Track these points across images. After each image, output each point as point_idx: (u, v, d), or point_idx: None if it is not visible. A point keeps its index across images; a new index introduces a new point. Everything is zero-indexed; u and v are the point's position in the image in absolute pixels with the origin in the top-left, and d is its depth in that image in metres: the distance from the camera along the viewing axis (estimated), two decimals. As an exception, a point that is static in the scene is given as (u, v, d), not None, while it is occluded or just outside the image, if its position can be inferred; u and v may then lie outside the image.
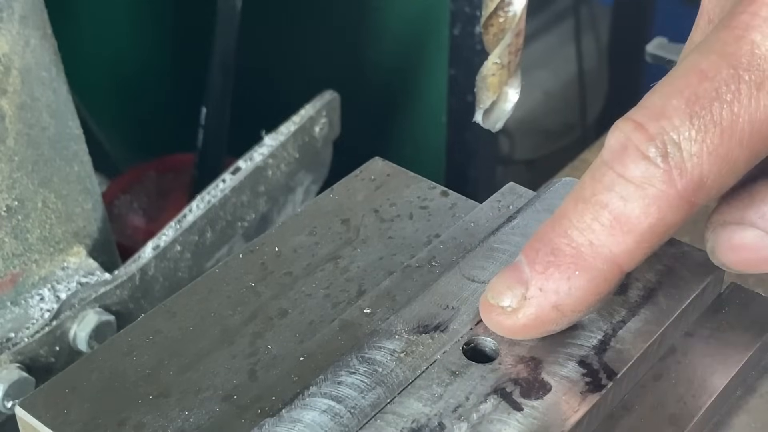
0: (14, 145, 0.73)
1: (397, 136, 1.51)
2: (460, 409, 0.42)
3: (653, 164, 0.38)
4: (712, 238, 0.42)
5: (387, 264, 0.52)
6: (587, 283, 0.41)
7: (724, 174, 0.38)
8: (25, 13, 0.71)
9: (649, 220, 0.39)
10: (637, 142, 0.39)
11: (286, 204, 0.99)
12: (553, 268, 0.41)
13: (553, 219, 0.41)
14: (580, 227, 0.40)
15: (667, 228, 0.39)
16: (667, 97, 0.39)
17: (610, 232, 0.40)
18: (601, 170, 0.40)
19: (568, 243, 0.41)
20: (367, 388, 0.43)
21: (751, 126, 0.38)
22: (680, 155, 0.38)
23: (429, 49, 1.40)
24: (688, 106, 0.38)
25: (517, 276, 0.42)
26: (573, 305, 0.42)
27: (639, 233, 0.39)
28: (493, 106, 0.44)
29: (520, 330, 0.43)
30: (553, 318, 0.42)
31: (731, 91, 0.38)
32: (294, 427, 0.42)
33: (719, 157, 0.38)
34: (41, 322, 0.74)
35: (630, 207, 0.39)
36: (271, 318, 0.49)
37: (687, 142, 0.38)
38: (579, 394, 0.42)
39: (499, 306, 0.43)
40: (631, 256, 0.40)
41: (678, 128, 0.38)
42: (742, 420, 0.47)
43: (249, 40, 1.30)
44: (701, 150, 0.38)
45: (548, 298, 0.42)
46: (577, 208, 0.40)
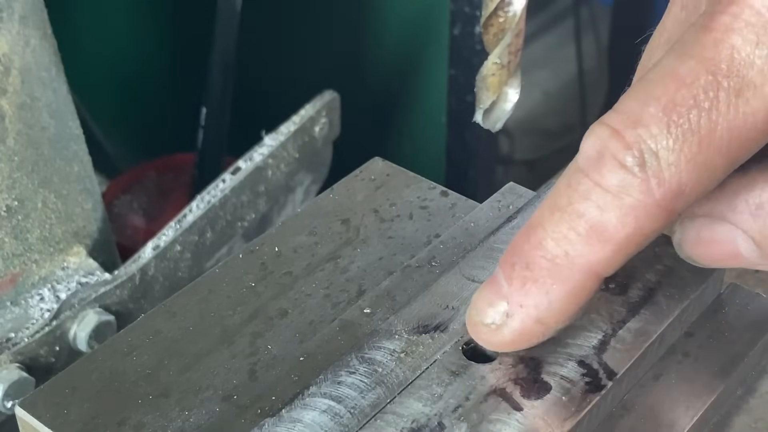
0: (14, 145, 0.73)
1: (397, 136, 1.51)
2: (460, 409, 0.42)
3: (630, 173, 0.38)
4: (680, 230, 0.41)
5: (387, 264, 0.52)
6: (566, 294, 0.40)
7: (702, 181, 0.38)
8: (25, 13, 0.71)
9: (626, 229, 0.38)
10: (614, 150, 0.38)
11: (286, 204, 0.99)
12: (530, 283, 0.40)
13: (528, 228, 0.41)
14: (556, 237, 0.40)
15: (645, 236, 0.39)
16: (643, 103, 0.38)
17: (586, 241, 0.39)
18: (576, 178, 0.39)
19: (543, 255, 0.40)
20: (367, 388, 0.43)
21: (729, 133, 0.37)
22: (658, 164, 0.37)
23: (429, 49, 1.40)
24: (665, 113, 0.37)
25: (496, 291, 0.42)
26: (555, 317, 0.41)
27: (616, 242, 0.39)
28: (493, 106, 0.44)
29: (509, 345, 0.43)
30: (539, 331, 0.42)
31: (709, 98, 0.37)
32: (294, 427, 0.42)
33: (698, 165, 0.37)
34: (41, 322, 0.74)
35: (607, 216, 0.38)
36: (271, 318, 0.49)
37: (665, 150, 0.37)
38: (579, 394, 0.42)
39: (483, 323, 0.43)
40: (608, 264, 0.40)
41: (655, 136, 0.37)
42: (742, 420, 0.47)
43: (249, 40, 1.30)
44: (679, 159, 0.37)
45: (529, 313, 0.41)
46: (553, 217, 0.40)
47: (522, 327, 0.41)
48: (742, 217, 0.39)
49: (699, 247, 0.41)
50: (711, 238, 0.40)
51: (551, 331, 0.42)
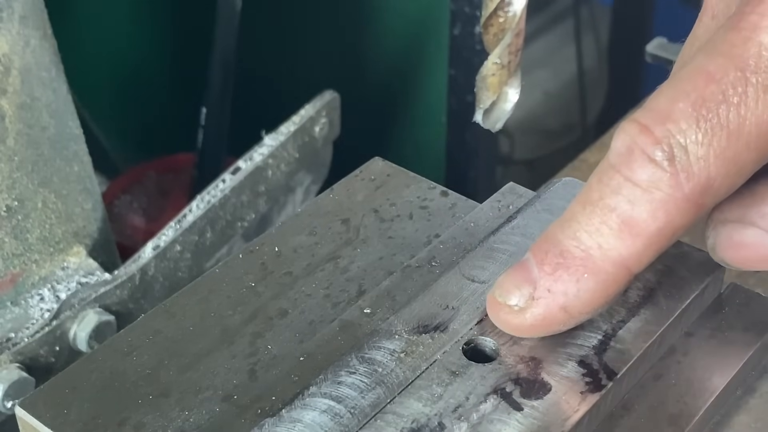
0: (14, 145, 0.73)
1: (397, 136, 1.51)
2: (460, 409, 0.42)
3: (660, 168, 0.38)
4: (713, 235, 0.42)
5: (387, 264, 0.52)
6: (596, 285, 0.41)
7: (731, 176, 0.39)
8: (25, 13, 0.71)
9: (657, 223, 0.39)
10: (644, 146, 0.39)
11: (286, 204, 0.99)
12: (562, 270, 0.41)
13: (562, 220, 0.41)
14: (589, 230, 0.40)
15: (675, 230, 0.39)
16: (673, 99, 0.39)
17: (618, 235, 0.40)
18: (608, 173, 0.40)
19: (577, 245, 0.41)
20: (367, 388, 0.43)
21: (758, 128, 0.38)
22: (687, 158, 0.38)
23: (429, 49, 1.40)
24: (694, 109, 0.38)
25: (525, 275, 0.42)
26: (581, 307, 0.42)
27: (647, 236, 0.39)
28: (493, 106, 0.44)
29: (527, 329, 0.43)
30: (561, 319, 0.42)
31: (738, 93, 0.37)
32: (294, 427, 0.42)
33: (726, 159, 0.38)
34: (41, 322, 0.74)
35: (638, 211, 0.39)
36: (271, 318, 0.49)
37: (694, 145, 0.38)
38: (579, 394, 0.42)
39: (506, 304, 0.43)
40: (639, 258, 0.40)
41: (685, 131, 0.38)
42: (742, 420, 0.47)
43: (249, 40, 1.30)
44: (708, 153, 0.38)
45: (556, 299, 0.42)
46: (585, 210, 0.40)
47: (546, 312, 0.42)
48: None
49: (731, 250, 0.42)
50: (742, 242, 0.41)
51: (572, 321, 0.43)
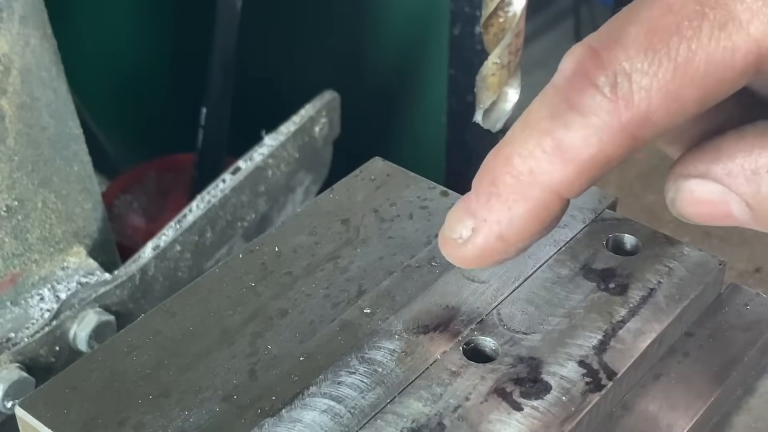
0: (14, 145, 0.73)
1: (397, 136, 1.51)
2: (460, 409, 0.42)
3: (600, 93, 0.38)
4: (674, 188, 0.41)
5: (387, 264, 0.52)
6: (527, 212, 0.40)
7: (671, 112, 0.38)
8: (25, 13, 0.71)
9: (590, 150, 0.38)
10: (588, 69, 0.38)
11: (286, 204, 0.99)
12: (494, 198, 0.41)
13: (500, 144, 0.41)
14: (523, 154, 0.40)
15: (608, 160, 0.39)
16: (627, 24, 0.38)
17: (551, 159, 0.39)
18: (550, 95, 0.39)
19: (509, 171, 0.40)
20: (367, 388, 0.43)
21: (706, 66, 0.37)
22: (629, 87, 0.37)
23: (429, 49, 1.40)
24: (646, 37, 0.37)
25: (466, 207, 0.42)
26: (516, 235, 0.41)
27: (579, 162, 0.39)
28: (493, 106, 0.44)
29: (472, 261, 0.43)
30: (500, 248, 0.42)
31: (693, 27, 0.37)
32: (294, 427, 0.42)
33: (669, 93, 0.37)
34: (41, 322, 0.74)
35: (572, 135, 0.38)
36: (271, 318, 0.49)
37: (638, 74, 0.37)
38: (579, 394, 0.42)
39: (451, 238, 0.43)
40: (571, 185, 0.40)
41: (632, 59, 0.37)
42: (742, 420, 0.47)
43: (249, 40, 1.30)
44: (651, 84, 0.37)
45: (492, 228, 0.41)
46: (523, 134, 0.40)
47: (484, 242, 0.42)
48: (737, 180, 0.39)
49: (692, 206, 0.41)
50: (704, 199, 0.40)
51: (513, 249, 0.42)
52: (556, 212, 0.41)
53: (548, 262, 0.50)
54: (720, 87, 0.38)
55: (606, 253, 0.50)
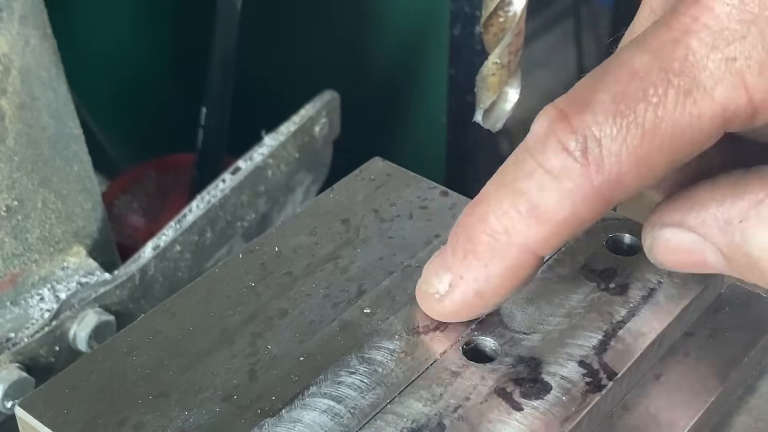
0: (14, 145, 0.73)
1: (397, 136, 1.51)
2: (460, 410, 0.42)
3: (572, 158, 0.38)
4: (650, 237, 0.42)
5: (387, 264, 0.52)
6: (503, 270, 0.41)
7: (642, 175, 0.38)
8: (25, 13, 0.71)
9: (563, 212, 0.39)
10: (559, 133, 0.39)
11: (286, 204, 0.99)
12: (471, 256, 0.42)
13: (474, 203, 0.42)
14: (498, 213, 0.40)
15: (581, 221, 0.40)
16: (595, 89, 0.39)
17: (526, 220, 0.40)
18: (523, 157, 0.40)
19: (484, 229, 0.41)
20: (367, 388, 0.43)
21: (673, 131, 0.37)
22: (600, 152, 0.38)
23: (429, 49, 1.40)
24: (613, 102, 0.38)
25: (442, 262, 0.43)
26: (493, 291, 0.42)
27: (554, 224, 0.39)
28: (493, 106, 0.44)
29: (450, 315, 0.44)
30: (478, 303, 0.43)
31: (658, 94, 0.37)
32: (294, 427, 0.42)
33: (638, 158, 0.38)
34: (41, 322, 0.74)
35: (546, 198, 0.39)
36: (271, 318, 0.49)
37: (608, 139, 0.38)
38: (579, 394, 0.42)
39: (428, 292, 0.44)
40: (545, 244, 0.40)
41: (601, 124, 0.38)
42: (742, 420, 0.47)
43: (249, 40, 1.29)
44: (621, 150, 0.38)
45: (469, 285, 0.42)
46: (498, 193, 0.41)
47: (462, 299, 0.43)
48: (710, 230, 0.40)
49: (668, 254, 0.42)
50: (680, 248, 0.41)
51: (490, 304, 0.43)
52: (532, 269, 0.42)
53: (548, 262, 0.50)
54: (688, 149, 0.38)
55: (606, 253, 0.50)
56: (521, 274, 0.42)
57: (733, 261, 0.39)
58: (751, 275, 0.39)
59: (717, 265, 0.40)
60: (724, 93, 0.37)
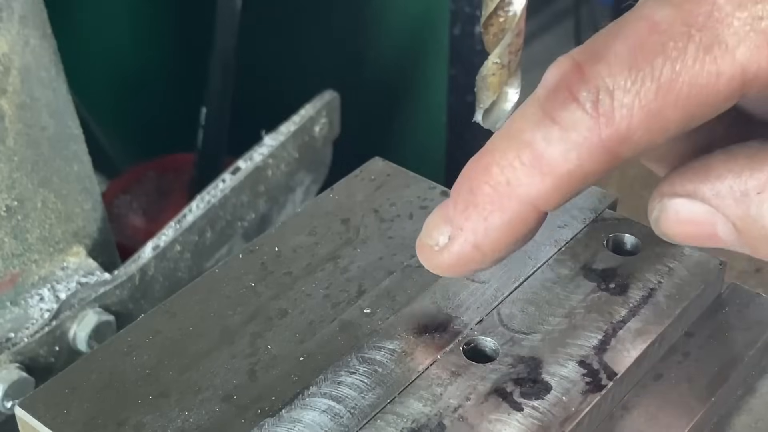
0: (14, 145, 0.73)
1: (397, 136, 1.51)
2: (460, 410, 0.42)
3: (581, 108, 0.37)
4: (659, 207, 0.41)
5: (387, 264, 0.52)
6: (502, 223, 0.40)
7: (653, 131, 0.37)
8: (25, 13, 0.71)
9: (568, 165, 0.38)
10: (571, 83, 0.38)
11: (286, 204, 0.99)
12: (471, 207, 0.41)
13: (479, 153, 0.41)
14: (502, 164, 0.40)
15: (586, 175, 0.39)
16: (612, 40, 0.38)
17: (529, 171, 0.39)
18: (531, 107, 0.39)
19: (487, 181, 0.40)
20: (367, 388, 0.43)
21: (689, 88, 0.36)
22: (611, 104, 0.37)
23: (429, 49, 1.40)
24: (630, 54, 0.37)
25: (443, 214, 0.42)
26: (491, 245, 0.41)
27: (557, 176, 0.38)
28: (493, 106, 0.44)
29: (447, 268, 0.43)
30: (475, 257, 0.42)
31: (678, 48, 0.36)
32: (294, 427, 0.42)
33: (650, 113, 0.37)
34: (41, 322, 0.74)
35: (551, 149, 0.38)
36: (271, 318, 0.49)
37: (620, 91, 0.37)
38: (579, 394, 0.42)
39: (428, 244, 0.43)
40: (547, 198, 0.39)
41: (615, 75, 0.37)
42: (742, 420, 0.47)
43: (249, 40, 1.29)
44: (633, 102, 0.37)
45: (468, 238, 0.41)
46: (503, 143, 0.40)
47: (460, 251, 0.42)
48: (725, 201, 0.39)
49: (677, 226, 0.41)
50: (690, 219, 0.40)
51: (488, 259, 0.42)
52: (532, 224, 0.41)
53: (548, 262, 0.50)
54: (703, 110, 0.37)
55: (606, 253, 0.50)
56: (521, 229, 0.41)
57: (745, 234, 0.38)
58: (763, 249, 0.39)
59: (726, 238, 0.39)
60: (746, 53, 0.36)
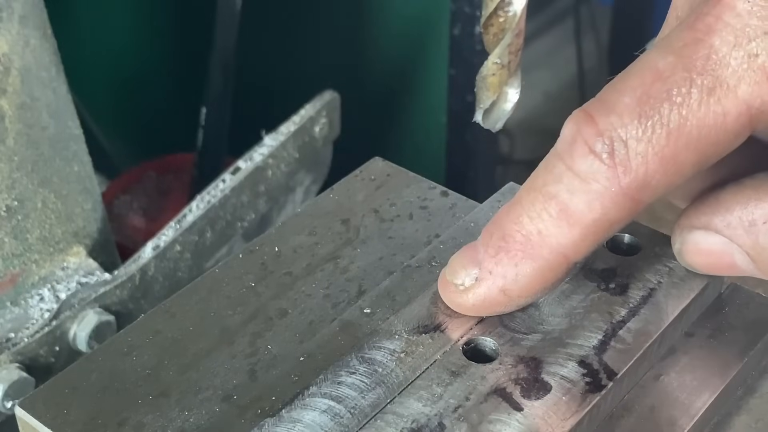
0: (14, 145, 0.73)
1: (397, 136, 1.51)
2: (460, 409, 0.42)
3: (599, 160, 0.39)
4: (680, 240, 0.43)
5: (387, 264, 0.52)
6: (533, 270, 0.42)
7: (669, 175, 0.39)
8: (25, 13, 0.71)
9: (593, 214, 0.40)
10: (587, 136, 0.39)
11: (286, 204, 0.99)
12: (503, 253, 0.42)
13: (509, 205, 0.42)
14: (531, 215, 0.41)
15: (611, 223, 0.40)
16: (621, 92, 0.39)
17: (557, 223, 0.40)
18: (553, 161, 0.41)
19: (519, 230, 0.42)
20: (367, 388, 0.43)
21: (699, 131, 0.38)
22: (626, 153, 0.38)
23: (429, 49, 1.40)
24: (638, 104, 0.38)
25: (472, 256, 0.44)
26: (519, 291, 0.43)
27: (584, 226, 0.40)
28: (493, 106, 0.44)
29: (470, 309, 0.45)
30: (501, 301, 0.43)
31: (682, 94, 0.38)
32: (294, 427, 0.42)
33: (665, 158, 0.38)
34: (41, 322, 0.74)
35: (575, 201, 0.40)
36: (271, 318, 0.49)
37: (634, 141, 0.38)
38: (579, 394, 0.42)
39: (453, 283, 0.44)
40: (576, 247, 0.41)
41: (626, 126, 0.38)
42: (742, 420, 0.47)
43: (249, 40, 1.30)
44: (647, 150, 0.38)
45: (496, 282, 0.43)
46: (529, 196, 0.41)
47: (486, 293, 0.43)
48: (736, 232, 0.40)
49: (697, 257, 0.42)
50: (709, 250, 0.42)
51: (513, 304, 0.44)
52: (561, 274, 0.42)
53: (548, 262, 0.50)
54: (714, 149, 0.39)
55: (606, 253, 0.50)
56: (550, 277, 0.42)
57: (759, 262, 0.40)
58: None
59: (745, 267, 0.41)
60: (747, 90, 0.37)
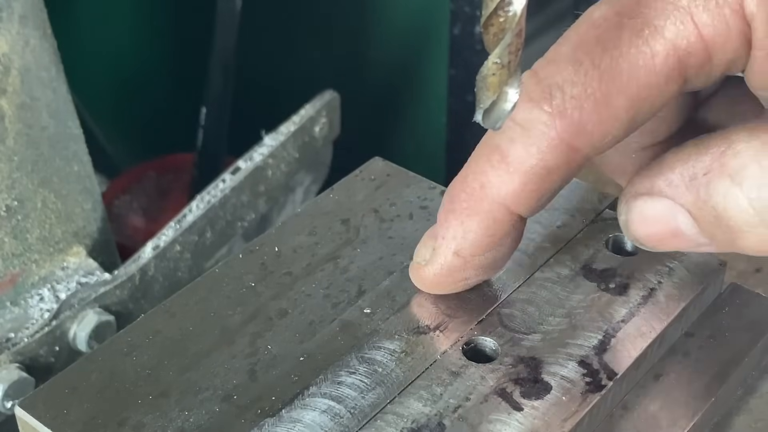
0: (14, 145, 0.73)
1: (397, 136, 1.51)
2: (460, 410, 0.42)
3: (537, 106, 0.40)
4: (625, 210, 0.42)
5: (387, 264, 0.52)
6: (478, 225, 0.42)
7: (604, 120, 0.40)
8: (25, 13, 0.71)
9: (531, 160, 0.40)
10: (528, 86, 0.40)
11: (286, 204, 0.99)
12: (451, 215, 0.43)
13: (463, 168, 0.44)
14: (476, 171, 0.42)
15: (549, 171, 0.41)
16: (559, 44, 0.41)
17: (497, 173, 0.41)
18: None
19: (463, 189, 0.43)
20: (367, 388, 0.43)
21: (629, 72, 0.39)
22: (561, 97, 0.40)
23: (429, 49, 1.40)
24: (573, 52, 0.40)
25: (431, 232, 0.45)
26: (470, 248, 0.43)
27: (522, 173, 0.41)
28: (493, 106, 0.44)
29: (432, 281, 0.45)
30: (457, 264, 0.44)
31: (612, 37, 0.39)
32: (294, 427, 0.42)
33: (597, 101, 0.39)
34: (41, 322, 0.74)
35: (515, 147, 0.41)
36: (271, 318, 0.49)
37: (568, 84, 0.39)
38: (579, 394, 0.42)
39: (416, 263, 0.46)
40: (517, 197, 0.42)
41: (562, 71, 0.40)
42: (742, 420, 0.47)
43: (249, 40, 1.30)
44: (580, 93, 0.39)
45: (449, 245, 0.43)
46: (476, 153, 0.43)
47: (443, 261, 0.44)
48: (677, 190, 0.40)
49: (642, 226, 0.42)
50: (652, 216, 0.41)
51: (469, 265, 0.44)
52: (508, 227, 0.43)
53: (548, 262, 0.50)
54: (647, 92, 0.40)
55: (606, 253, 0.50)
56: (496, 231, 0.43)
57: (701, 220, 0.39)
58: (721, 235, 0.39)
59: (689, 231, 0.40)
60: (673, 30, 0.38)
